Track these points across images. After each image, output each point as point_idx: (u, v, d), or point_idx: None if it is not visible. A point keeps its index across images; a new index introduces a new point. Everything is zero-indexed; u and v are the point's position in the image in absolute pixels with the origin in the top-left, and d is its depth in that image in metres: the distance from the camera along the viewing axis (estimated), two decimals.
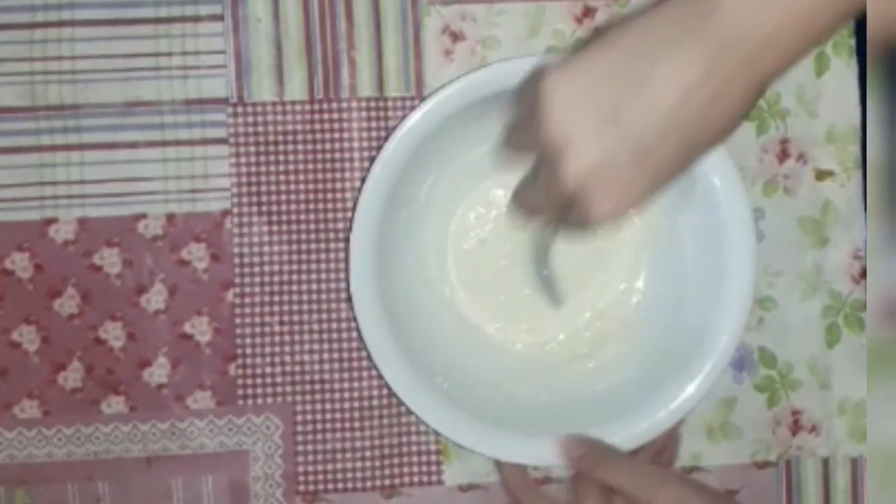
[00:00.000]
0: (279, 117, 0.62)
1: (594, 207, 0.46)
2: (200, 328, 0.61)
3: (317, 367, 0.62)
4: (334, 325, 0.62)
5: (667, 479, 0.53)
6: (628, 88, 0.44)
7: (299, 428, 0.62)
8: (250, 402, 0.62)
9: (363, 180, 0.56)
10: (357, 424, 0.62)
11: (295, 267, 0.62)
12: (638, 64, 0.44)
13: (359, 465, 0.62)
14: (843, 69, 0.63)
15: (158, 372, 0.61)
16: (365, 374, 0.62)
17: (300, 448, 0.62)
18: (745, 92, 0.43)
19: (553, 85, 0.45)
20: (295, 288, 0.62)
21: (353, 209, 0.55)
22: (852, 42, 0.63)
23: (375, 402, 0.62)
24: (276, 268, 0.62)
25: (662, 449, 0.60)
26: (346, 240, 0.57)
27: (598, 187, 0.45)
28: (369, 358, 0.56)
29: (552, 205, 0.48)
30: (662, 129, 0.44)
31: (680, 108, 0.43)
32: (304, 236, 0.62)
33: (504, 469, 0.59)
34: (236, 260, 0.62)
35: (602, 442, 0.56)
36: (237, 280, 0.62)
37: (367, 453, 0.62)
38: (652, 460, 0.59)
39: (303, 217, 0.62)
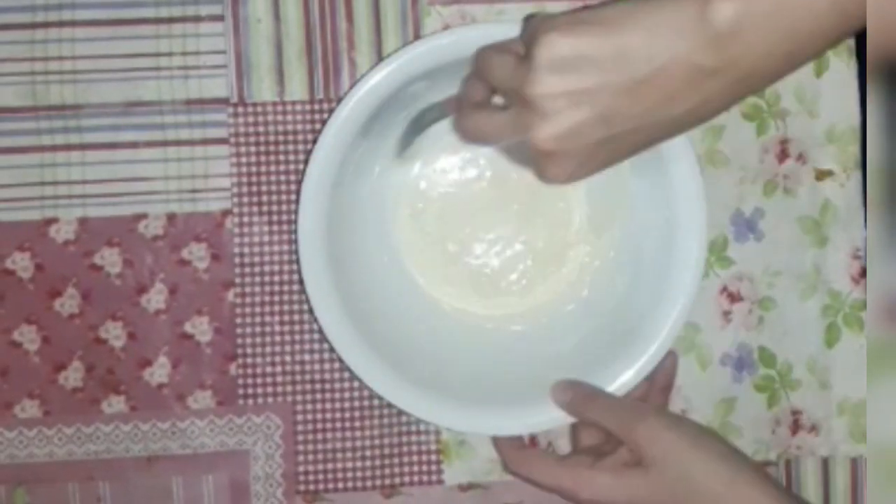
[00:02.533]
0: (279, 117, 0.62)
1: (550, 169, 0.48)
2: (201, 328, 0.61)
3: (317, 366, 0.62)
4: None
5: (643, 415, 0.55)
6: (618, 79, 0.45)
7: (300, 427, 0.62)
8: (251, 401, 0.62)
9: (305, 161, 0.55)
10: (357, 424, 0.62)
11: (295, 267, 0.62)
12: (632, 60, 0.45)
13: (359, 464, 0.62)
14: (843, 69, 0.63)
15: (159, 372, 0.61)
16: None
17: (300, 447, 0.62)
18: (722, 107, 0.46)
19: (552, 41, 0.46)
20: (295, 288, 0.62)
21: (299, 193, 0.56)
22: (852, 42, 0.63)
23: (375, 402, 0.62)
24: (276, 268, 0.62)
25: (646, 394, 0.60)
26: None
27: (560, 154, 0.47)
28: (341, 361, 0.57)
29: (507, 142, 0.50)
30: (638, 122, 0.46)
31: (660, 110, 0.46)
32: None
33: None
34: (236, 260, 0.62)
35: (586, 384, 0.57)
36: (237, 280, 0.62)
37: (368, 453, 0.62)
38: (644, 397, 0.60)
39: None
